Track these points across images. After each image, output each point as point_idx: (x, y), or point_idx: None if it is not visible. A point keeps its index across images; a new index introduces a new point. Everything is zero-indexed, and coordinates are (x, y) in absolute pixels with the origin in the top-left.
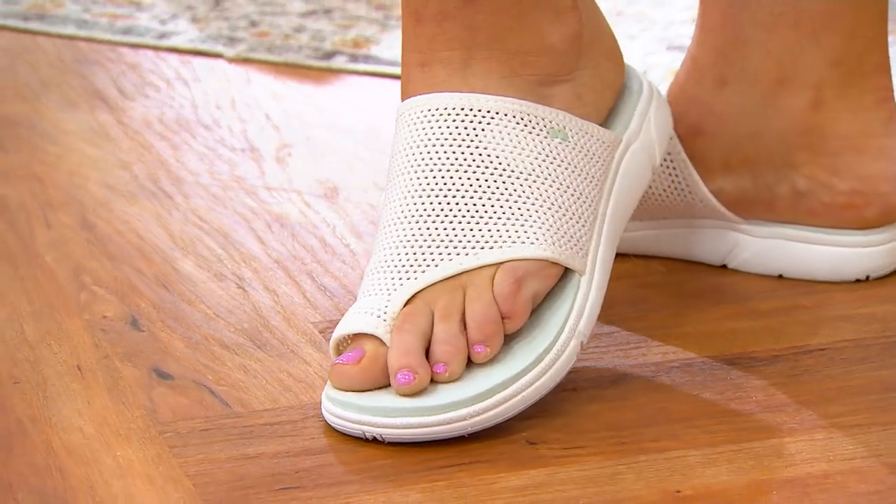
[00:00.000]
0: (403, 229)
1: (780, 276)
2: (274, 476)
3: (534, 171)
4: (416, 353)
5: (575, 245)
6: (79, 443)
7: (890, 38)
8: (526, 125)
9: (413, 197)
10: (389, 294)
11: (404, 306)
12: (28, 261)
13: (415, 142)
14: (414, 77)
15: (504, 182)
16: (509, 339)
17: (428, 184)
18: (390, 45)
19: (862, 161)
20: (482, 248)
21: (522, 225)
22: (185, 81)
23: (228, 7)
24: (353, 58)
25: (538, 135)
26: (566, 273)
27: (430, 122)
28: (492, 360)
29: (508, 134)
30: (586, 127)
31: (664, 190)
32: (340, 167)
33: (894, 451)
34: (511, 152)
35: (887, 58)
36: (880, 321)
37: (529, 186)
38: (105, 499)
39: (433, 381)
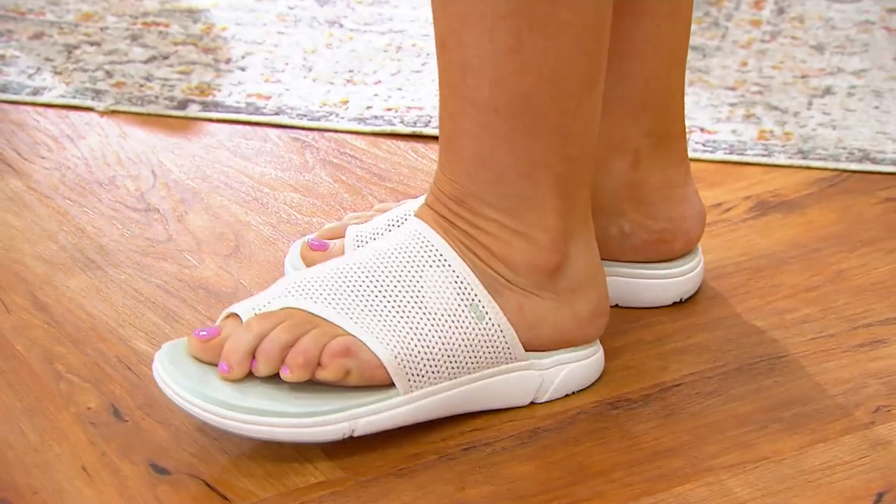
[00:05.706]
0: (339, 266)
1: (617, 305)
2: None
3: (435, 312)
4: (242, 352)
5: (416, 374)
6: None
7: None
8: (461, 287)
9: (365, 256)
10: (271, 300)
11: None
12: (1, 350)
13: (397, 234)
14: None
15: (406, 296)
16: (318, 388)
17: (376, 256)
18: (230, 91)
19: (669, 206)
20: (350, 317)
21: (391, 330)
22: (71, 138)
23: (82, 57)
24: (205, 105)
25: (463, 299)
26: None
27: (410, 232)
28: (289, 391)
29: (445, 280)
30: (505, 328)
31: None
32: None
33: (772, 488)
34: (435, 291)
35: (684, 126)
36: (710, 350)
37: (422, 318)
38: None
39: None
